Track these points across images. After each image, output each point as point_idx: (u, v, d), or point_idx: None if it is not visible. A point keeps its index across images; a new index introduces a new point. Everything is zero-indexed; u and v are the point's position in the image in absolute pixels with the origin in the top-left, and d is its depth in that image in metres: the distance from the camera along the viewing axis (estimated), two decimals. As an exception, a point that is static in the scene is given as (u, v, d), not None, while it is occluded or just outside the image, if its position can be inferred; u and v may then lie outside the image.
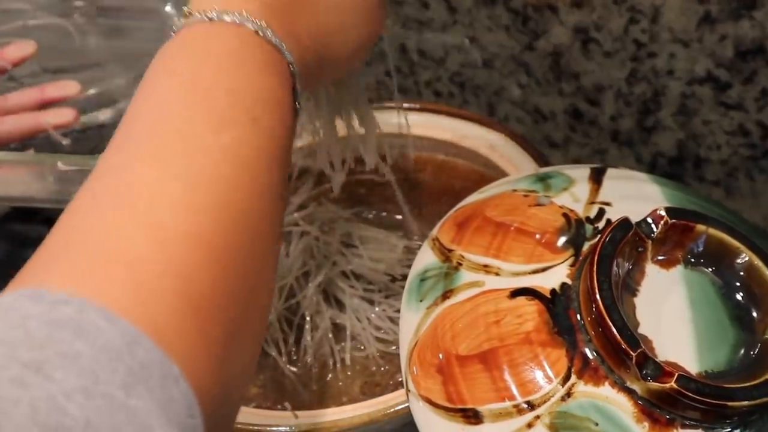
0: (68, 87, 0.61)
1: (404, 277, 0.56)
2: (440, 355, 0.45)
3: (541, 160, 0.59)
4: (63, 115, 0.59)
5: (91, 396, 0.25)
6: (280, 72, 0.38)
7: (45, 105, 0.61)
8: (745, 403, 0.42)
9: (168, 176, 0.31)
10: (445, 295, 0.47)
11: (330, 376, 0.53)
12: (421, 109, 0.66)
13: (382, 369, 0.53)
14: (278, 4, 0.39)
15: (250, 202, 0.33)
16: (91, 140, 0.63)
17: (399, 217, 0.61)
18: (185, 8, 0.39)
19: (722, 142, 0.66)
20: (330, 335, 0.54)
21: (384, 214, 0.62)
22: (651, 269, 0.47)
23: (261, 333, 0.35)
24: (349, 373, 0.53)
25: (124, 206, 0.30)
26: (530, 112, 0.75)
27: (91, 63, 0.68)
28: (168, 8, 0.68)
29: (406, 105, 0.66)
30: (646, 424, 0.42)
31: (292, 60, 0.39)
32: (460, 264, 0.48)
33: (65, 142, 0.59)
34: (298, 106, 0.40)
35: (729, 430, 0.43)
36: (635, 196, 0.51)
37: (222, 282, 0.30)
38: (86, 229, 0.30)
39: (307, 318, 0.55)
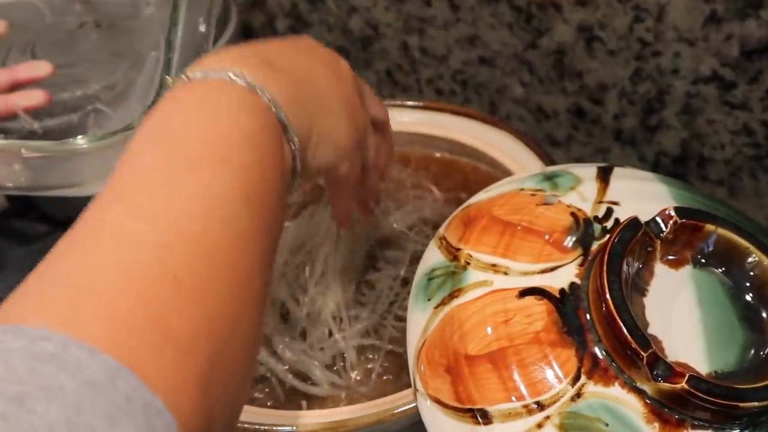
0: (39, 67, 0.59)
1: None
2: (449, 355, 0.45)
3: (547, 159, 0.58)
4: (33, 97, 0.58)
5: (74, 427, 0.25)
6: (257, 113, 0.38)
7: (16, 87, 0.59)
8: (756, 404, 0.41)
9: (136, 216, 0.32)
10: (453, 295, 0.47)
11: (337, 376, 0.52)
12: (425, 107, 0.66)
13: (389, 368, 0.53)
14: (254, 60, 0.40)
15: (220, 236, 0.33)
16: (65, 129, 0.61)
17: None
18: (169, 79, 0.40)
19: (726, 141, 0.66)
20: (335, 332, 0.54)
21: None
22: (660, 269, 0.47)
23: (248, 362, 0.35)
24: (357, 371, 0.53)
25: (97, 246, 0.31)
26: (532, 110, 0.75)
27: (85, 60, 0.67)
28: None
29: (409, 103, 0.66)
30: (656, 424, 0.42)
31: (270, 97, 0.39)
32: (468, 263, 0.48)
33: (36, 125, 0.57)
34: (293, 146, 0.40)
35: (738, 430, 0.43)
36: (643, 195, 0.51)
37: (196, 316, 0.31)
38: (65, 267, 0.30)
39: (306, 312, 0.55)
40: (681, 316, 0.45)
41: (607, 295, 0.43)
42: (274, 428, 0.46)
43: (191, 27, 0.56)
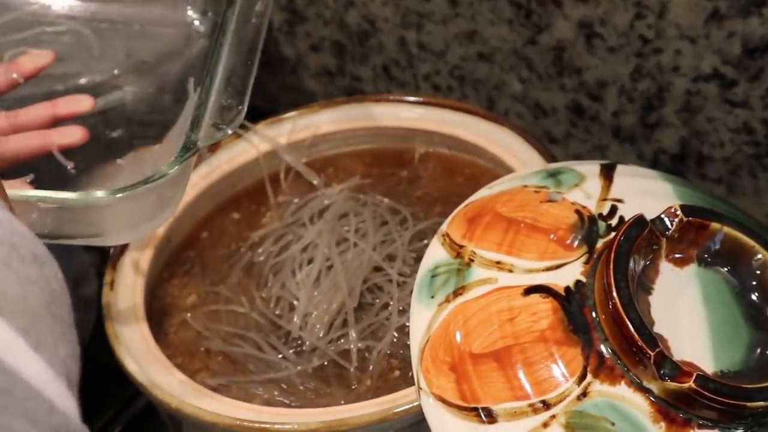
0: (81, 102, 0.57)
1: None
2: (453, 353, 0.44)
3: (549, 156, 0.58)
4: (70, 135, 0.55)
5: None
6: None
7: (56, 122, 0.57)
8: (763, 403, 0.41)
9: None
10: (457, 292, 0.46)
11: (339, 373, 0.52)
12: (425, 103, 0.65)
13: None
14: None
15: None
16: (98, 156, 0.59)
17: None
18: None
19: (726, 139, 0.66)
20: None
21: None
22: (665, 267, 0.47)
23: None
24: (358, 370, 0.52)
25: None
26: (531, 107, 0.75)
27: (106, 69, 0.65)
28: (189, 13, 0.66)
29: (409, 99, 0.66)
30: (663, 424, 0.42)
31: None
32: (472, 260, 0.47)
33: (69, 166, 0.56)
34: None
35: (743, 430, 0.42)
36: (646, 192, 0.51)
37: None
38: None
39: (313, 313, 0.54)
40: (686, 315, 0.45)
41: (614, 294, 0.43)
42: (276, 426, 0.46)
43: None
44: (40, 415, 0.25)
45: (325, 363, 0.52)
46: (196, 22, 0.66)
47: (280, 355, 0.53)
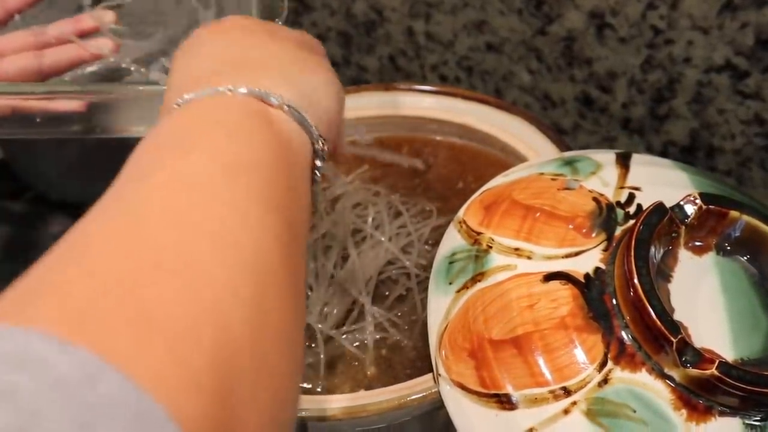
0: (104, 15, 0.57)
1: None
2: (473, 339, 0.44)
3: (563, 145, 0.58)
4: (102, 47, 0.55)
5: None
6: (265, 116, 0.36)
7: (82, 35, 0.57)
8: (785, 391, 0.41)
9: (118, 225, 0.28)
10: (476, 278, 0.46)
11: (354, 364, 0.52)
12: (436, 92, 0.65)
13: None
14: (245, 67, 0.38)
15: (203, 215, 0.29)
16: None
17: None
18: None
19: (737, 131, 0.65)
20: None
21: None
22: (684, 255, 0.46)
23: (284, 357, 0.29)
24: (373, 357, 0.52)
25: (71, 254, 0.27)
26: (539, 98, 0.74)
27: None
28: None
29: (420, 87, 0.65)
30: (684, 411, 0.41)
31: (280, 98, 0.37)
32: (490, 247, 0.47)
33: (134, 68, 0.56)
34: (313, 135, 0.38)
35: (764, 417, 0.42)
36: (663, 181, 0.51)
37: (187, 303, 0.26)
38: (55, 268, 0.26)
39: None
40: (705, 303, 0.45)
41: (635, 281, 0.42)
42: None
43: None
44: None
45: (341, 353, 0.52)
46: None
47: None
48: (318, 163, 0.39)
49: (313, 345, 0.52)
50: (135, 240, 0.27)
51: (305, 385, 0.50)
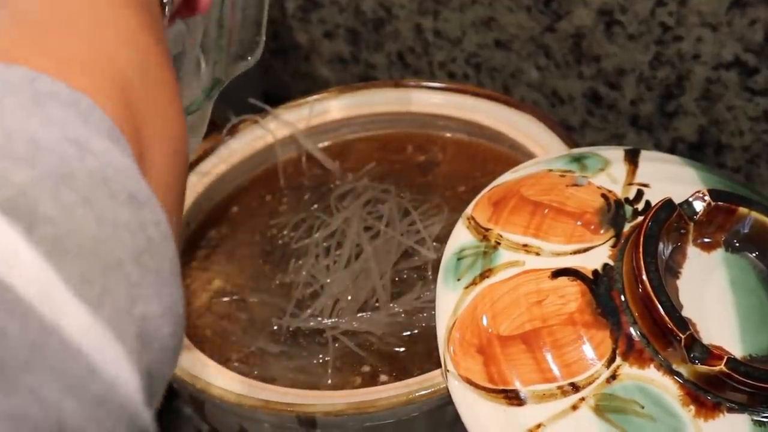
0: None
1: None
2: (481, 335, 0.44)
3: (571, 141, 0.58)
4: None
5: None
6: None
7: None
8: (793, 387, 0.41)
9: None
10: (484, 275, 0.46)
11: (364, 358, 0.52)
12: (444, 89, 0.65)
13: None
14: None
15: None
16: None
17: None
18: None
19: (746, 128, 0.65)
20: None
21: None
22: (692, 252, 0.47)
23: (166, 107, 0.32)
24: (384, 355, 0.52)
25: None
26: (547, 95, 0.74)
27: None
28: None
29: (429, 84, 0.65)
30: (692, 407, 0.42)
31: None
32: (499, 243, 0.47)
33: None
34: None
35: (770, 413, 0.42)
36: (672, 178, 0.51)
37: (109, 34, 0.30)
38: None
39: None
40: (714, 299, 0.45)
41: (644, 277, 0.43)
42: (302, 407, 0.46)
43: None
44: (74, 379, 0.21)
45: (351, 348, 0.52)
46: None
47: (306, 341, 0.53)
48: None
49: (323, 340, 0.53)
50: None
51: (314, 380, 0.51)
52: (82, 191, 0.23)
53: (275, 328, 0.54)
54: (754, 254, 0.47)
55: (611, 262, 0.45)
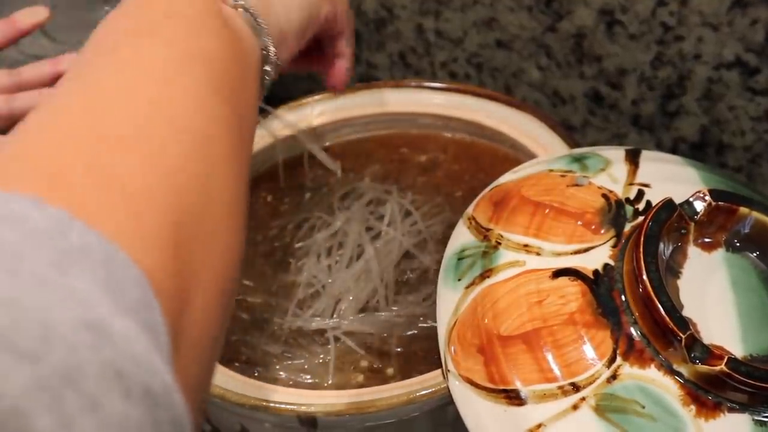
0: (37, 13, 0.57)
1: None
2: (481, 335, 0.44)
3: (572, 141, 0.58)
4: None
5: (16, 276, 0.21)
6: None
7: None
8: (794, 387, 0.41)
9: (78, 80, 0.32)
10: (485, 275, 0.46)
11: (366, 357, 0.52)
12: (446, 89, 0.65)
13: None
14: None
15: (169, 98, 0.32)
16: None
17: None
18: None
19: (747, 128, 0.65)
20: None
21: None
22: (693, 252, 0.46)
23: (229, 235, 0.32)
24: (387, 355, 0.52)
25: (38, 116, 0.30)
26: (548, 95, 0.74)
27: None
28: None
29: (430, 84, 0.65)
30: (693, 407, 0.42)
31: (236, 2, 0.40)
32: (499, 243, 0.47)
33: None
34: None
35: (771, 414, 0.42)
36: (673, 178, 0.51)
37: (146, 169, 0.28)
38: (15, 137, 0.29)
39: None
40: (715, 299, 0.45)
41: (644, 277, 0.43)
42: (302, 407, 0.46)
43: None
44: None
45: (352, 348, 0.52)
46: None
47: (307, 341, 0.53)
48: (267, 68, 0.42)
49: (324, 340, 0.53)
50: (99, 115, 0.30)
51: (316, 380, 0.51)
52: (88, 393, 0.20)
53: (276, 328, 0.54)
54: (754, 254, 0.47)
55: (612, 262, 0.45)
